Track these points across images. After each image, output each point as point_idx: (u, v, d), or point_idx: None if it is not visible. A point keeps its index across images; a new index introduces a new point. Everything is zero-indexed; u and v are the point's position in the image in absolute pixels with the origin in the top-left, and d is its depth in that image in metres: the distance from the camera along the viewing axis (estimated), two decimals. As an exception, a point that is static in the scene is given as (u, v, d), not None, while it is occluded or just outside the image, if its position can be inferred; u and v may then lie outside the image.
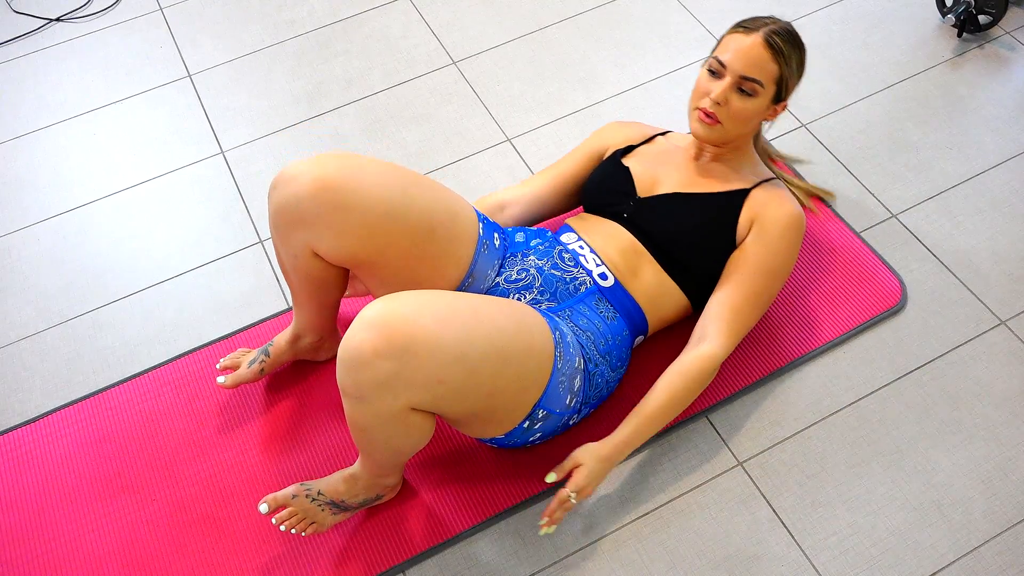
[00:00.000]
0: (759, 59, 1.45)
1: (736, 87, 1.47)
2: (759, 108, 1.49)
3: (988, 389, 1.59)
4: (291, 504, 1.39)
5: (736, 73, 1.46)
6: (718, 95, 1.47)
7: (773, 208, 1.52)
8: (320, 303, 1.51)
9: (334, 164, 1.34)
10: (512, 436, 1.40)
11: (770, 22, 1.49)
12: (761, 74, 1.46)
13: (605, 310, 1.48)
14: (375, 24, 2.31)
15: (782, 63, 1.46)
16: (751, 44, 1.45)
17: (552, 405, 1.37)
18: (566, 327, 1.41)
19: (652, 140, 1.67)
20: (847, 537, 1.45)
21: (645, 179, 1.59)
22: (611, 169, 1.62)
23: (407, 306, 1.18)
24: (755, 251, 1.51)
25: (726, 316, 1.48)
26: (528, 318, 1.31)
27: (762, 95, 1.48)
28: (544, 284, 1.47)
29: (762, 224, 1.51)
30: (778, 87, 1.49)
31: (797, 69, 1.50)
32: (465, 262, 1.43)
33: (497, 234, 1.50)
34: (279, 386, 1.66)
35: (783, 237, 1.51)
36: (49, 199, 2.01)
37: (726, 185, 1.55)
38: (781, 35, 1.46)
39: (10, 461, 1.60)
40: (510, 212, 1.69)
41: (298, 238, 1.38)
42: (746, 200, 1.53)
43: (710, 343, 1.46)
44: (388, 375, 1.16)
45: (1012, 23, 2.15)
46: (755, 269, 1.50)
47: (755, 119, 1.51)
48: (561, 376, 1.35)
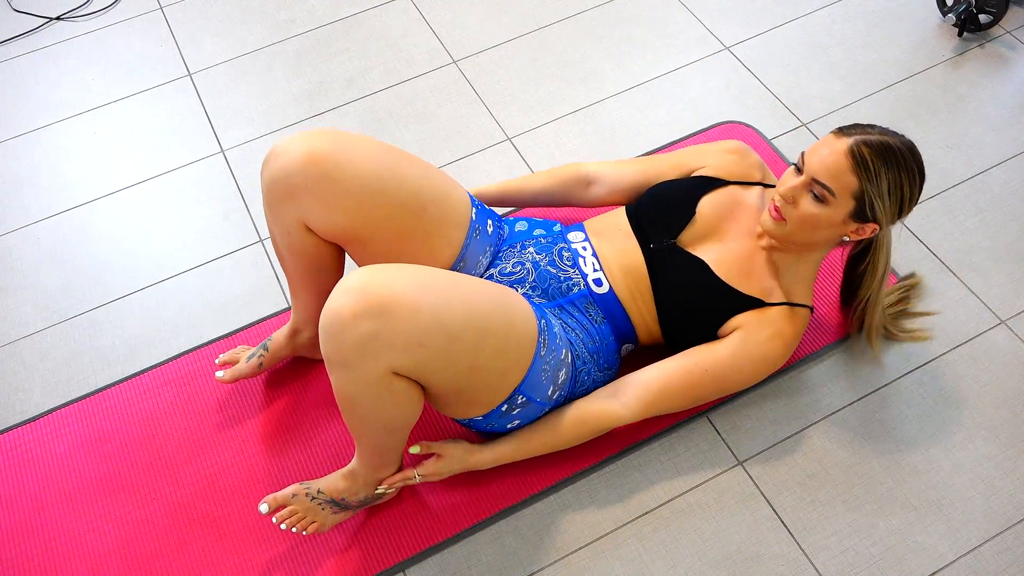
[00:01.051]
0: (836, 167, 1.34)
1: (808, 189, 1.37)
2: (830, 219, 1.37)
3: (988, 389, 1.59)
4: (291, 503, 1.39)
5: (810, 175, 1.36)
6: (787, 191, 1.38)
7: (766, 333, 1.44)
8: (316, 289, 1.51)
9: (325, 138, 1.35)
10: (490, 419, 1.40)
11: (873, 132, 1.35)
12: (834, 183, 1.34)
13: (594, 313, 1.48)
14: (375, 23, 2.30)
15: (863, 178, 1.33)
16: (835, 149, 1.34)
17: (533, 392, 1.37)
18: (554, 320, 1.42)
19: (746, 187, 1.55)
20: (847, 537, 1.45)
21: (697, 228, 1.51)
22: (681, 197, 1.54)
23: (386, 272, 1.19)
24: (718, 352, 1.45)
25: (652, 392, 1.45)
26: (509, 297, 1.32)
27: (834, 205, 1.36)
28: (537, 280, 1.47)
29: (744, 337, 1.44)
30: (859, 203, 1.35)
31: (890, 191, 1.34)
32: (457, 244, 1.43)
33: (491, 220, 1.51)
34: (279, 385, 1.66)
35: (750, 360, 1.44)
36: (49, 198, 2.01)
37: (755, 287, 1.47)
38: (873, 147, 1.33)
39: (10, 460, 1.60)
40: (596, 192, 1.67)
41: (289, 211, 1.38)
42: (754, 310, 1.46)
43: (623, 406, 1.45)
44: (368, 335, 1.16)
45: (1013, 22, 2.15)
46: (708, 367, 1.44)
47: (824, 230, 1.39)
48: (544, 364, 1.35)
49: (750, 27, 2.21)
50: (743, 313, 1.45)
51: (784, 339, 1.45)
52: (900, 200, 1.36)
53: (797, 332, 1.46)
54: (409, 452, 1.45)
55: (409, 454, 1.52)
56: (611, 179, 1.66)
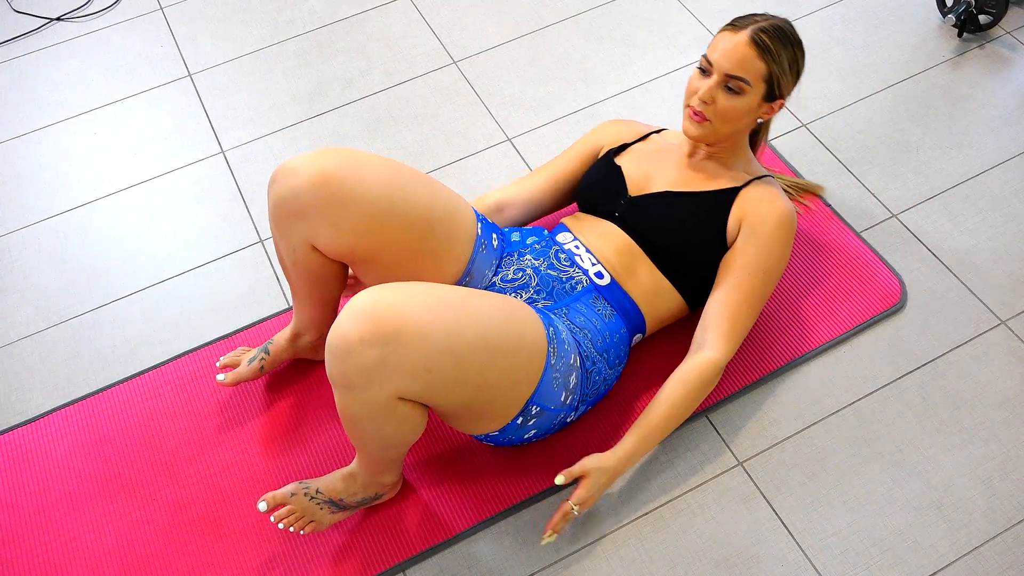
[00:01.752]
0: (745, 57, 1.43)
1: (723, 85, 1.46)
2: (748, 106, 1.47)
3: (988, 389, 1.59)
4: (290, 502, 1.39)
5: (722, 71, 1.45)
6: (704, 93, 1.46)
7: (763, 207, 1.51)
8: (320, 300, 1.51)
9: (334, 158, 1.34)
10: (507, 432, 1.40)
11: (760, 19, 1.46)
12: (747, 72, 1.44)
13: (602, 308, 1.48)
14: (375, 24, 2.31)
15: (770, 61, 1.44)
16: (737, 42, 1.44)
17: (546, 401, 1.37)
18: (562, 324, 1.41)
19: (647, 138, 1.67)
20: (847, 537, 1.45)
21: (637, 178, 1.59)
22: (603, 168, 1.62)
23: (395, 295, 1.18)
24: (747, 252, 1.49)
25: (724, 321, 1.47)
26: (519, 311, 1.31)
27: (750, 93, 1.46)
28: (540, 284, 1.47)
29: (752, 224, 1.50)
30: (768, 85, 1.46)
31: (790, 66, 1.47)
32: (463, 260, 1.43)
33: (496, 234, 1.51)
34: (279, 386, 1.66)
35: (774, 236, 1.50)
36: (49, 198, 2.01)
37: (717, 183, 1.55)
38: (769, 32, 1.44)
39: (10, 461, 1.60)
40: (508, 214, 1.69)
41: (297, 231, 1.38)
42: (736, 198, 1.52)
43: (711, 349, 1.46)
44: (374, 363, 1.16)
45: (1012, 23, 2.15)
46: (748, 270, 1.49)
47: (745, 117, 1.49)
48: (555, 372, 1.35)
49: (750, 27, 2.21)
50: (731, 209, 1.52)
51: (781, 198, 1.53)
52: (797, 72, 1.50)
53: (781, 191, 1.55)
54: (555, 483, 1.40)
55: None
56: (521, 197, 1.69)
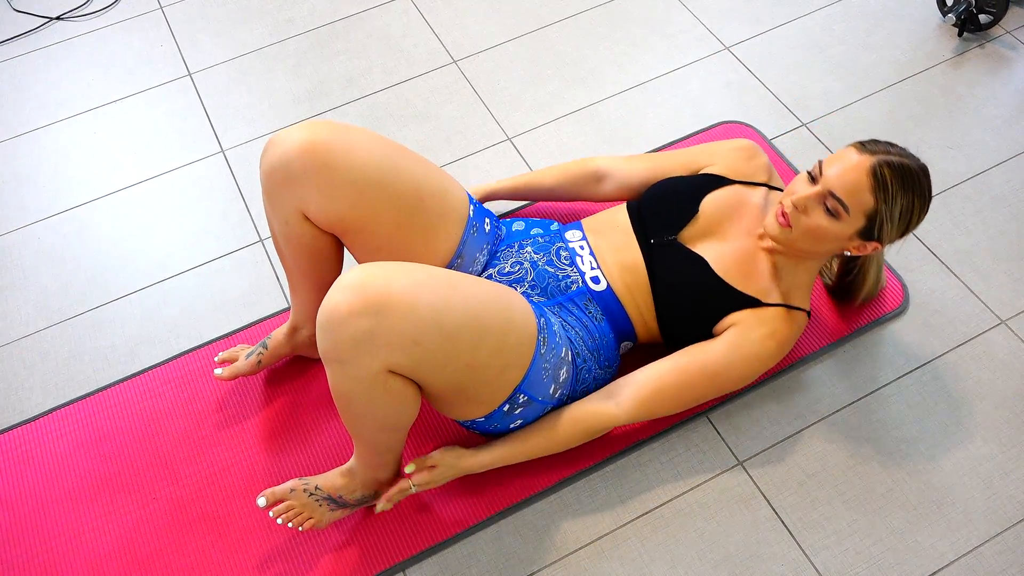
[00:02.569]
0: (856, 184, 1.33)
1: (822, 201, 1.36)
2: (838, 234, 1.37)
3: (988, 389, 1.59)
4: (289, 498, 1.40)
5: (827, 187, 1.35)
6: (799, 199, 1.38)
7: (760, 333, 1.43)
8: (315, 284, 1.51)
9: (324, 128, 1.36)
10: (492, 419, 1.40)
11: (895, 153, 1.35)
12: (850, 200, 1.34)
13: (593, 311, 1.48)
14: (375, 23, 2.31)
15: (880, 199, 1.33)
16: (855, 165, 1.34)
17: (534, 391, 1.37)
18: (554, 318, 1.42)
19: (751, 187, 1.55)
20: (847, 537, 1.45)
21: (699, 226, 1.51)
22: (686, 195, 1.53)
23: (383, 269, 1.19)
24: (714, 350, 1.44)
25: (647, 391, 1.44)
26: (508, 295, 1.31)
27: (846, 222, 1.35)
28: (536, 279, 1.48)
29: (739, 334, 1.43)
30: (869, 223, 1.36)
31: (902, 215, 1.35)
32: (454, 239, 1.43)
33: (488, 219, 1.51)
34: (278, 385, 1.66)
35: (746, 360, 1.43)
36: (49, 198, 2.01)
37: (751, 286, 1.46)
38: (895, 170, 1.33)
39: (10, 460, 1.60)
40: (605, 188, 1.68)
41: (288, 200, 1.39)
42: (747, 308, 1.45)
43: (617, 406, 1.45)
44: (364, 333, 1.16)
45: (1013, 22, 2.15)
46: (702, 365, 1.44)
47: (829, 243, 1.40)
48: (545, 363, 1.35)
49: (750, 27, 2.21)
50: (739, 311, 1.45)
51: (778, 339, 1.44)
52: (907, 224, 1.37)
53: (792, 334, 1.46)
54: (404, 470, 1.44)
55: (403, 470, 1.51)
56: (621, 175, 1.67)
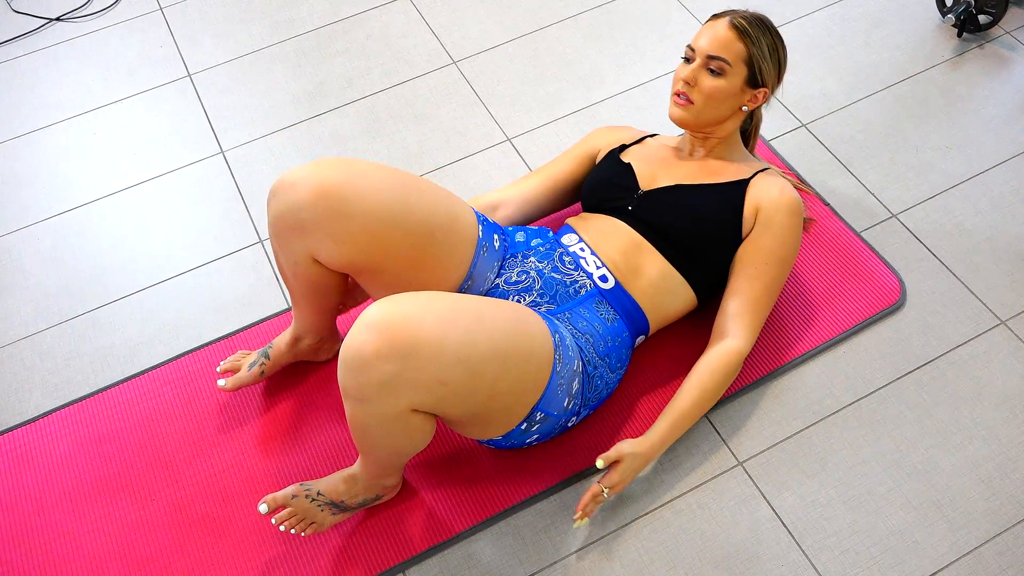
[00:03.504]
0: (724, 39, 1.50)
1: (705, 67, 1.51)
2: (731, 87, 1.51)
3: (988, 389, 1.59)
4: (291, 504, 1.39)
5: (703, 53, 1.51)
6: (688, 75, 1.52)
7: (776, 197, 1.54)
8: (320, 308, 1.51)
9: (334, 171, 1.33)
10: (510, 438, 1.40)
11: (739, 11, 1.54)
12: (726, 53, 1.49)
13: (605, 312, 1.48)
14: (375, 24, 2.31)
15: (748, 43, 1.50)
16: (717, 26, 1.51)
17: (550, 408, 1.37)
18: (565, 330, 1.41)
19: (642, 141, 1.69)
20: (847, 537, 1.45)
21: (645, 174, 1.60)
22: (612, 166, 1.64)
23: (409, 308, 1.17)
24: (762, 242, 1.52)
25: (745, 310, 1.51)
26: (529, 320, 1.31)
27: (731, 74, 1.50)
28: (544, 287, 1.47)
29: (767, 214, 1.53)
30: (750, 69, 1.51)
31: (770, 52, 1.52)
32: (465, 265, 1.43)
33: (497, 235, 1.51)
34: (279, 386, 1.66)
35: (787, 224, 1.53)
36: (49, 198, 2.01)
37: (723, 176, 1.57)
38: (747, 18, 1.51)
39: (10, 461, 1.60)
40: (503, 213, 1.69)
41: (298, 245, 1.37)
42: (748, 189, 1.55)
43: (733, 338, 1.49)
44: (390, 377, 1.16)
45: (1012, 23, 2.15)
46: (766, 260, 1.52)
47: (728, 100, 1.53)
48: (560, 379, 1.35)
49: (750, 27, 2.21)
50: (744, 200, 1.54)
51: (787, 186, 1.56)
52: (779, 62, 1.54)
53: (786, 180, 1.58)
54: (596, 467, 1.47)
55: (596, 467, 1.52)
56: (516, 197, 1.70)
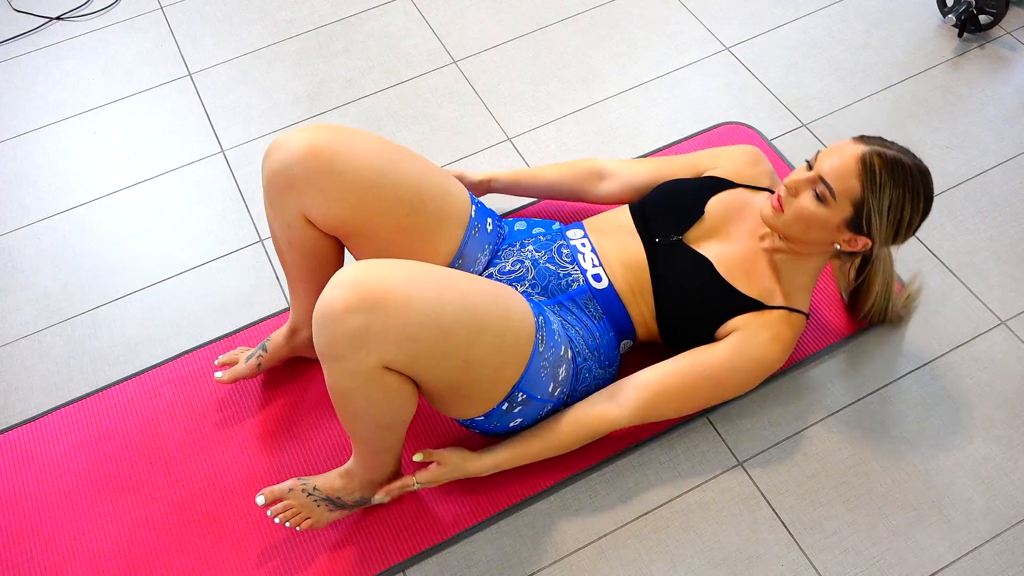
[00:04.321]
0: (843, 170, 1.34)
1: (812, 185, 1.38)
2: (824, 220, 1.37)
3: (988, 389, 1.59)
4: (287, 497, 1.40)
5: (818, 172, 1.37)
6: (791, 182, 1.39)
7: (763, 337, 1.43)
8: (315, 286, 1.51)
9: (325, 131, 1.37)
10: (492, 418, 1.40)
11: (889, 146, 1.36)
12: (837, 185, 1.35)
13: (593, 309, 1.48)
14: (376, 23, 2.31)
15: (867, 188, 1.34)
16: (848, 152, 1.36)
17: (533, 390, 1.37)
18: (553, 317, 1.42)
19: (755, 191, 1.57)
20: (847, 537, 1.45)
21: (705, 226, 1.52)
22: (690, 197, 1.54)
23: (379, 266, 1.20)
24: (718, 354, 1.44)
25: (649, 394, 1.44)
26: (506, 293, 1.32)
27: (832, 208, 1.36)
28: (537, 277, 1.48)
29: (743, 339, 1.44)
30: (856, 212, 1.36)
31: (891, 208, 1.34)
32: (455, 240, 1.44)
33: (490, 219, 1.52)
34: (278, 385, 1.66)
35: (750, 364, 1.44)
36: (49, 198, 2.01)
37: (753, 288, 1.47)
38: (884, 160, 1.34)
39: (10, 460, 1.60)
40: (607, 186, 1.68)
41: (290, 204, 1.39)
42: (751, 311, 1.45)
43: (620, 407, 1.44)
44: (359, 329, 1.17)
45: (1013, 23, 2.15)
46: (705, 369, 1.43)
47: (817, 230, 1.39)
48: (543, 361, 1.35)
49: (750, 27, 2.21)
50: (742, 315, 1.45)
51: (782, 342, 1.45)
52: (898, 221, 1.36)
53: (794, 337, 1.46)
54: (412, 459, 1.45)
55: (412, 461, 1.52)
56: (624, 175, 1.67)
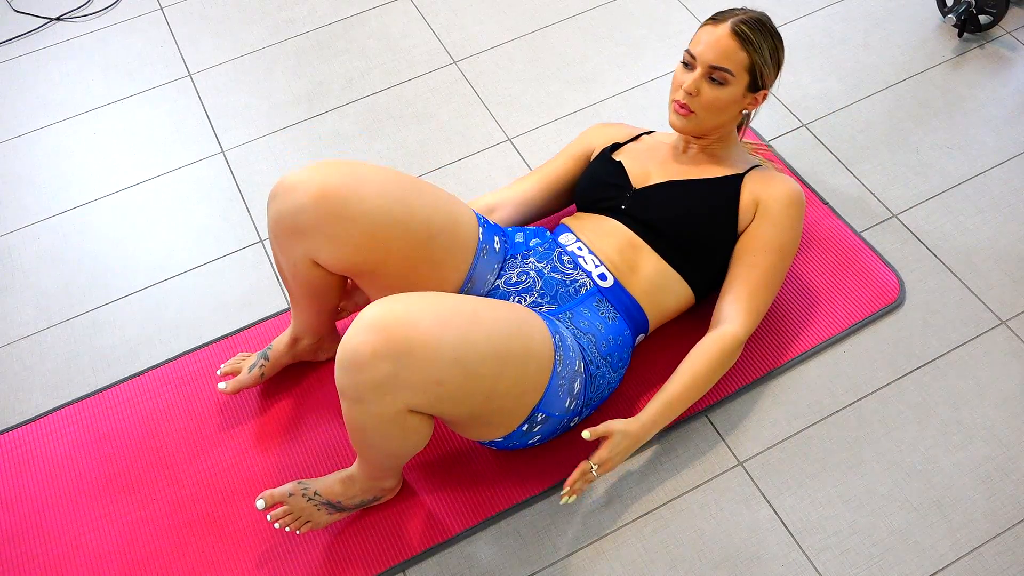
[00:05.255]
0: (727, 49, 1.47)
1: (707, 77, 1.49)
2: (732, 97, 1.50)
3: (988, 389, 1.59)
4: (287, 502, 1.39)
5: (705, 63, 1.48)
6: (689, 86, 1.49)
7: (774, 188, 1.54)
8: (319, 309, 1.51)
9: (334, 174, 1.33)
10: (511, 439, 1.40)
11: (740, 12, 1.50)
12: (730, 63, 1.47)
13: (606, 311, 1.48)
14: (375, 23, 2.31)
15: (751, 51, 1.47)
16: (719, 35, 1.47)
17: (551, 408, 1.37)
18: (566, 330, 1.41)
19: (637, 139, 1.69)
20: (847, 537, 1.45)
21: (637, 172, 1.61)
22: (603, 165, 1.64)
23: (406, 308, 1.18)
24: (762, 231, 1.53)
25: (743, 297, 1.51)
26: (528, 320, 1.31)
27: (734, 84, 1.49)
28: (544, 287, 1.47)
29: (767, 205, 1.53)
30: (752, 75, 1.49)
31: (771, 57, 1.50)
32: (465, 267, 1.43)
33: (498, 237, 1.51)
34: (279, 386, 1.66)
35: (786, 214, 1.53)
36: (49, 198, 2.01)
37: (718, 172, 1.57)
38: (749, 24, 1.48)
39: (10, 461, 1.60)
40: (500, 215, 1.69)
41: (298, 248, 1.37)
42: (743, 184, 1.55)
43: (731, 324, 1.49)
44: (386, 376, 1.16)
45: (1012, 23, 2.15)
46: (765, 248, 1.52)
47: (730, 108, 1.52)
48: (560, 379, 1.35)
49: (750, 27, 2.21)
50: (740, 193, 1.54)
51: (786, 178, 1.56)
52: (778, 62, 1.53)
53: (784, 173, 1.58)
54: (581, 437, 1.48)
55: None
56: (513, 199, 1.71)
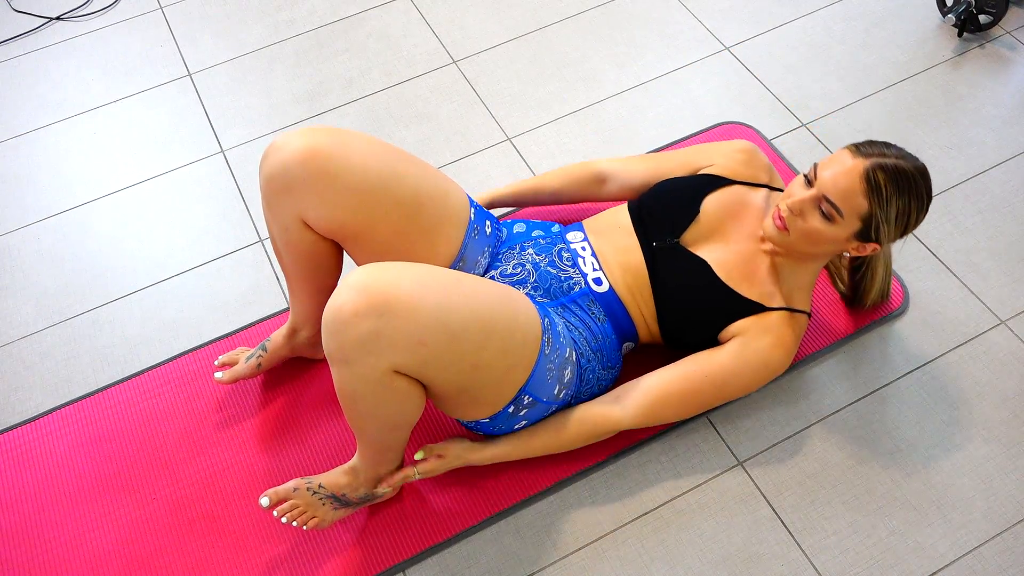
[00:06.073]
0: (849, 189, 1.34)
1: (817, 204, 1.37)
2: (835, 237, 1.38)
3: (988, 389, 1.59)
4: (292, 497, 1.40)
5: (821, 191, 1.36)
6: (795, 203, 1.38)
7: (766, 340, 1.43)
8: (315, 288, 1.51)
9: (323, 134, 1.36)
10: (497, 421, 1.40)
11: (890, 154, 1.35)
12: (844, 204, 1.34)
13: (596, 311, 1.48)
14: (375, 23, 2.31)
15: (874, 203, 1.33)
16: (848, 169, 1.34)
17: (539, 392, 1.37)
18: (558, 318, 1.42)
19: (752, 188, 1.55)
20: (847, 537, 1.45)
21: (701, 227, 1.51)
22: (686, 197, 1.53)
23: (387, 270, 1.20)
24: (721, 359, 1.44)
25: (652, 397, 1.45)
26: (513, 296, 1.32)
27: (841, 225, 1.36)
28: (538, 280, 1.48)
29: (745, 344, 1.44)
30: (864, 226, 1.36)
31: (898, 216, 1.35)
32: (455, 243, 1.43)
33: (489, 221, 1.51)
34: (278, 385, 1.66)
35: (753, 368, 1.44)
36: (49, 198, 2.01)
37: (754, 291, 1.46)
38: (888, 172, 1.33)
39: (10, 460, 1.60)
40: (608, 189, 1.69)
41: (287, 207, 1.39)
42: (753, 315, 1.45)
43: (623, 410, 1.46)
44: (369, 334, 1.17)
45: (1012, 23, 2.15)
46: (708, 373, 1.44)
47: (826, 245, 1.41)
48: (549, 363, 1.35)
49: (750, 27, 2.21)
50: (744, 319, 1.45)
51: (785, 346, 1.44)
52: (905, 225, 1.38)
53: (796, 338, 1.46)
54: (414, 458, 1.45)
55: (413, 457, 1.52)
56: (622, 177, 1.67)
